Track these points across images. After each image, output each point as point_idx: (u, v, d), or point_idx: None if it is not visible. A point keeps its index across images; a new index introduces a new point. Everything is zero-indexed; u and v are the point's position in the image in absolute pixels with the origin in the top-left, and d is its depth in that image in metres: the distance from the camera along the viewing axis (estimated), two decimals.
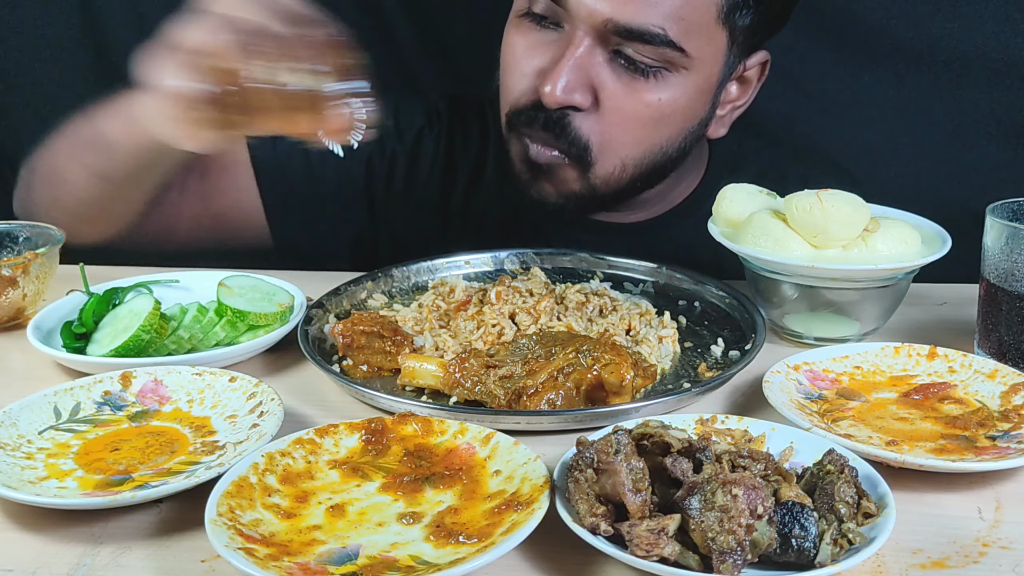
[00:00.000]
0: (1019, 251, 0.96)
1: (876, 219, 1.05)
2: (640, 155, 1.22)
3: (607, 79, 1.16)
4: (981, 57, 1.52)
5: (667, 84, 1.17)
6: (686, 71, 1.17)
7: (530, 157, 1.21)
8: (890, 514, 0.71)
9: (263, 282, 1.12)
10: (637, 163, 1.23)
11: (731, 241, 1.07)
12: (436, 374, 0.95)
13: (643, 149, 1.22)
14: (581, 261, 1.29)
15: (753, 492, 0.66)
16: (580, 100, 1.16)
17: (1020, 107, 1.53)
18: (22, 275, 1.11)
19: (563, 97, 1.15)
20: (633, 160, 1.22)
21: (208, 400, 0.92)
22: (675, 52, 1.14)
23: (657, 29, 1.12)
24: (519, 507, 0.73)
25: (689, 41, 1.14)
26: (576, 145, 1.19)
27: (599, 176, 1.22)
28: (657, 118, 1.19)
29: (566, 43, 1.15)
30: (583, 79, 1.15)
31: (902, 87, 1.56)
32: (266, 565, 0.67)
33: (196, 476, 0.78)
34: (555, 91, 1.14)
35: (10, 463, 0.81)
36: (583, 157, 1.20)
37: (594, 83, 1.16)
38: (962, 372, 0.97)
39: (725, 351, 1.06)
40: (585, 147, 1.19)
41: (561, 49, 1.16)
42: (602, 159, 1.21)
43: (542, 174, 1.23)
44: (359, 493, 0.78)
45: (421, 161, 1.41)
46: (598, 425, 0.87)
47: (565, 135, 1.18)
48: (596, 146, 1.19)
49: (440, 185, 1.41)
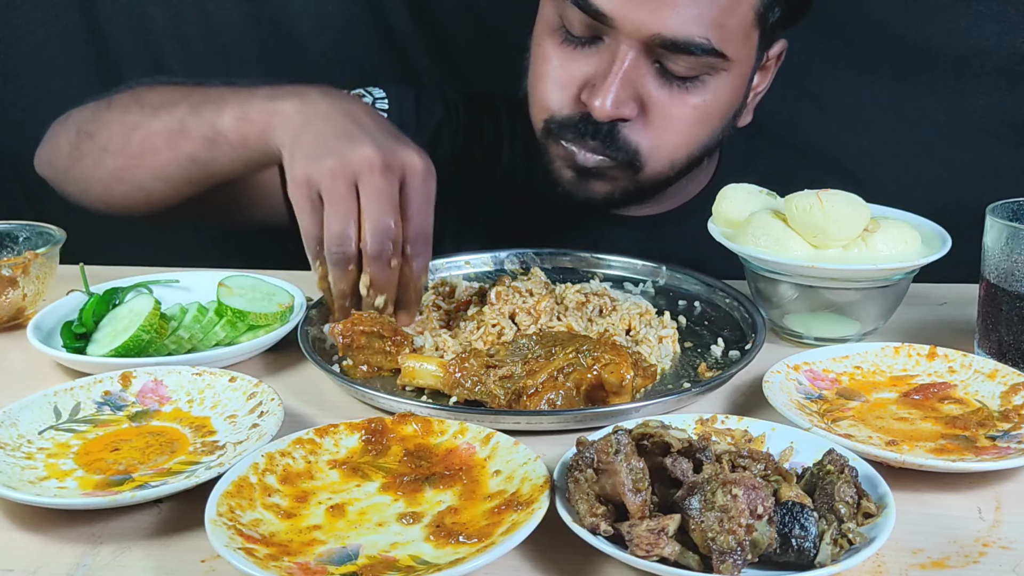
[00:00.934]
0: (1019, 251, 0.96)
1: (876, 219, 1.05)
2: (687, 154, 1.26)
3: (652, 89, 1.19)
4: (981, 57, 1.52)
5: (707, 87, 1.21)
6: (725, 72, 1.20)
7: (577, 162, 1.24)
8: (890, 514, 0.71)
9: (263, 282, 1.12)
10: (683, 161, 1.27)
11: (731, 241, 1.07)
12: (436, 374, 0.95)
13: (689, 149, 1.26)
14: (581, 261, 1.29)
15: (753, 492, 0.66)
16: (629, 112, 1.19)
17: (1020, 107, 1.53)
18: (22, 275, 1.11)
19: (613, 111, 1.17)
20: (680, 159, 1.26)
21: (208, 400, 0.92)
22: (716, 59, 1.17)
23: (702, 40, 1.15)
24: (519, 507, 0.73)
25: (729, 46, 1.17)
26: (626, 152, 1.22)
27: (647, 176, 1.26)
28: (700, 119, 1.23)
29: (610, 57, 1.17)
30: (630, 92, 1.18)
31: (902, 87, 1.56)
32: (266, 565, 0.67)
33: (196, 476, 0.78)
34: (606, 105, 1.17)
35: (10, 463, 0.81)
36: (633, 162, 1.23)
37: (640, 94, 1.19)
38: (962, 372, 0.97)
39: (725, 351, 1.06)
40: (635, 153, 1.22)
41: (605, 63, 1.18)
42: (651, 163, 1.24)
43: (591, 176, 1.25)
44: (359, 493, 0.78)
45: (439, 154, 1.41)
46: (598, 425, 0.87)
47: (615, 144, 1.21)
48: (645, 151, 1.23)
49: (457, 180, 1.42)
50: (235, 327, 1.05)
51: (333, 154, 0.99)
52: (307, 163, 1.00)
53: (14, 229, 1.21)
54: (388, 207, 0.98)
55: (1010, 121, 1.54)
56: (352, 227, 0.98)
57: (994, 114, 1.54)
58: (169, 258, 1.30)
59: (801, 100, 1.58)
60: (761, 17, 1.20)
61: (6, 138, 1.77)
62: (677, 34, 1.14)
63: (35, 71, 1.72)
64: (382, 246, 0.98)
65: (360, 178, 0.98)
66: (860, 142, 1.61)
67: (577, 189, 1.27)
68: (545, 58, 1.24)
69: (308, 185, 1.00)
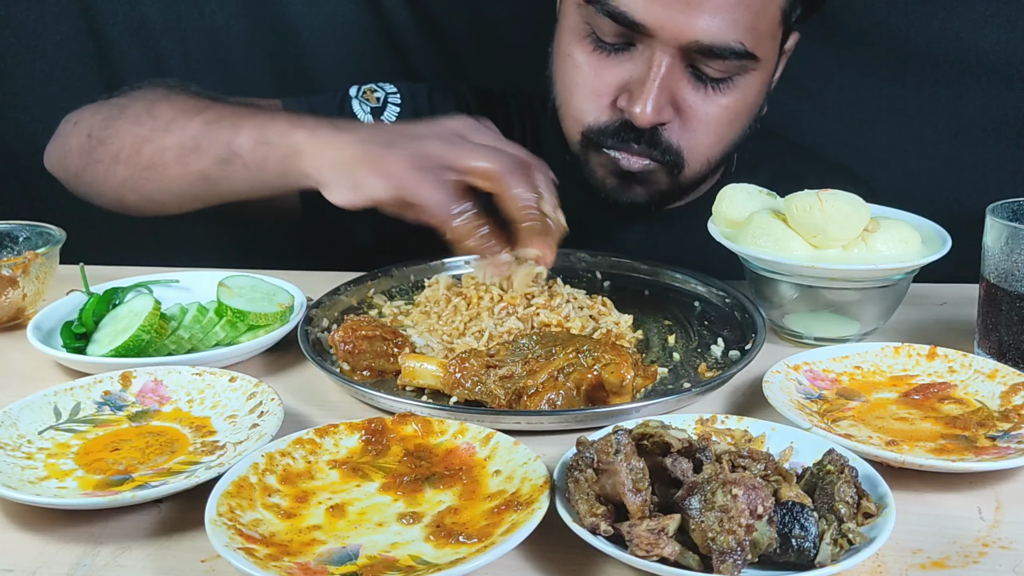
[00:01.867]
0: (1019, 251, 0.96)
1: (876, 219, 1.05)
2: (721, 151, 1.29)
3: (687, 93, 1.21)
4: (981, 57, 1.52)
5: (737, 87, 1.22)
6: (754, 72, 1.22)
7: (621, 167, 1.25)
8: (890, 514, 0.71)
9: (263, 282, 1.12)
10: (719, 158, 1.30)
11: (731, 241, 1.07)
12: (436, 374, 0.95)
13: (724, 146, 1.28)
14: (581, 261, 1.29)
15: (753, 492, 0.66)
16: (667, 116, 1.20)
17: (1020, 107, 1.53)
18: (22, 275, 1.11)
19: (654, 117, 1.18)
20: (716, 157, 1.29)
21: (208, 400, 0.92)
22: (749, 60, 1.19)
23: (737, 44, 1.16)
24: (519, 507, 0.73)
25: (759, 48, 1.19)
26: (670, 153, 1.24)
27: (687, 176, 1.28)
28: (733, 118, 1.25)
29: (646, 64, 1.18)
30: (668, 97, 1.19)
31: (902, 87, 1.56)
32: (266, 565, 0.67)
33: (196, 476, 0.78)
34: (647, 112, 1.18)
35: (10, 463, 0.81)
36: (677, 163, 1.25)
37: (676, 98, 1.21)
38: (962, 372, 0.97)
39: (725, 351, 1.06)
40: (678, 154, 1.24)
41: (641, 69, 1.19)
42: (691, 162, 1.26)
43: (632, 180, 1.27)
44: (359, 493, 0.78)
45: None
46: (598, 425, 0.87)
47: (658, 147, 1.23)
48: (687, 151, 1.24)
49: None
50: (235, 327, 1.05)
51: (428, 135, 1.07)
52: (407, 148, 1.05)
53: (14, 229, 1.21)
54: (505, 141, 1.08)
55: (1010, 121, 1.54)
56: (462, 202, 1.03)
57: (994, 114, 1.54)
58: (169, 258, 1.30)
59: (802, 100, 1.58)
60: (786, 16, 1.22)
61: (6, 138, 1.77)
62: (714, 40, 1.15)
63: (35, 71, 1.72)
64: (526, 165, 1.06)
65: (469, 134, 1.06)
66: (860, 142, 1.61)
67: (621, 194, 1.29)
68: (576, 67, 1.25)
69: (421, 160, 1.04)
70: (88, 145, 1.29)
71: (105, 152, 1.27)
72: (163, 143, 1.21)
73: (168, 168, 1.21)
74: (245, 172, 1.15)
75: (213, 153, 1.17)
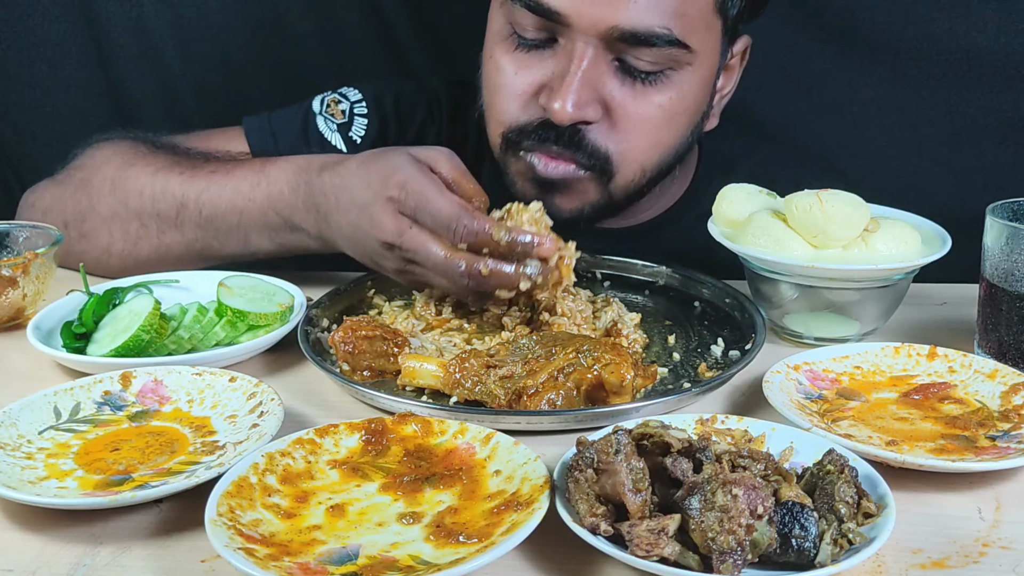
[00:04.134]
0: (1019, 251, 0.96)
1: (876, 219, 1.05)
2: (658, 158, 1.21)
3: (614, 89, 1.14)
4: (981, 57, 1.52)
5: (673, 83, 1.16)
6: (689, 67, 1.16)
7: (539, 174, 1.18)
8: (890, 514, 0.71)
9: (263, 282, 1.12)
10: (654, 166, 1.22)
11: (731, 241, 1.07)
12: (436, 374, 0.95)
13: (660, 152, 1.21)
14: (581, 261, 1.29)
15: (753, 492, 0.66)
16: (592, 114, 1.14)
17: (1020, 107, 1.53)
18: (22, 275, 1.11)
19: (575, 113, 1.12)
20: (651, 164, 1.21)
21: (208, 400, 0.92)
22: (680, 50, 1.13)
23: (662, 30, 1.10)
24: (519, 507, 0.73)
25: (692, 37, 1.13)
26: (596, 158, 1.17)
27: (619, 185, 1.20)
28: (668, 119, 1.18)
29: (567, 57, 1.13)
30: (592, 93, 1.13)
31: (902, 87, 1.56)
32: (266, 565, 0.67)
33: (196, 476, 0.78)
34: (566, 107, 1.11)
35: (10, 463, 0.81)
36: (605, 169, 1.18)
37: (602, 94, 1.14)
38: (962, 372, 0.97)
39: (725, 351, 1.06)
40: (606, 159, 1.17)
41: (562, 63, 1.13)
42: (623, 168, 1.19)
43: (554, 189, 1.19)
44: (359, 493, 0.78)
45: None
46: (598, 425, 0.87)
47: (582, 150, 1.16)
48: (616, 157, 1.17)
49: None
50: (235, 327, 1.05)
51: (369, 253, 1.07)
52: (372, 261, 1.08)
53: (14, 229, 1.20)
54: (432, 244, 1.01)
55: (1010, 121, 1.54)
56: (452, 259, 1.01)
57: (994, 114, 1.54)
58: None
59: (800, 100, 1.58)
60: (721, 6, 1.16)
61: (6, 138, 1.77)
62: (636, 25, 1.09)
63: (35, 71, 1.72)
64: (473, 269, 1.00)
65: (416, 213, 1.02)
66: (859, 142, 1.61)
67: None
68: (498, 68, 1.19)
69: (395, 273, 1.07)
70: (67, 235, 1.25)
71: (91, 246, 1.26)
72: (163, 242, 1.23)
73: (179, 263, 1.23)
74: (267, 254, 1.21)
75: (229, 252, 1.22)
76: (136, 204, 1.23)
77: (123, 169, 1.25)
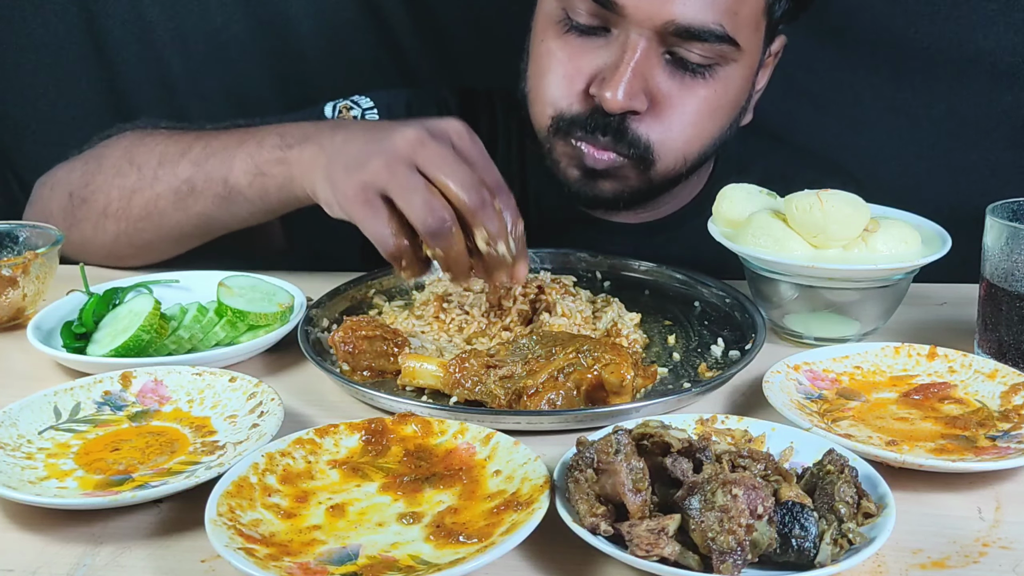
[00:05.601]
0: (1019, 251, 0.96)
1: (876, 219, 1.05)
2: (700, 148, 1.24)
3: (662, 81, 1.17)
4: (981, 57, 1.52)
5: (718, 77, 1.19)
6: (735, 63, 1.19)
7: (587, 163, 1.21)
8: (890, 514, 0.71)
9: (263, 282, 1.12)
10: (696, 155, 1.25)
11: (731, 241, 1.07)
12: (436, 374, 0.95)
13: (702, 142, 1.24)
14: (581, 261, 1.29)
15: (753, 492, 0.66)
16: (639, 104, 1.16)
17: (1020, 107, 1.53)
18: (22, 275, 1.11)
19: (626, 102, 1.15)
20: (693, 153, 1.24)
21: (208, 400, 0.92)
22: (730, 47, 1.16)
23: (716, 26, 1.13)
24: (519, 507, 0.73)
25: (740, 34, 1.16)
26: (636, 147, 1.19)
27: (660, 172, 1.23)
28: (712, 112, 1.21)
29: (621, 48, 1.15)
30: (641, 83, 1.16)
31: (902, 87, 1.56)
32: (266, 565, 0.67)
33: (196, 476, 0.78)
34: (617, 96, 1.14)
35: (10, 463, 0.81)
36: (645, 158, 1.20)
37: (650, 86, 1.17)
38: (962, 372, 0.97)
39: (725, 351, 1.06)
40: (646, 148, 1.20)
41: (616, 53, 1.16)
42: (663, 158, 1.21)
43: (599, 176, 1.23)
44: (359, 493, 0.78)
45: None
46: (598, 425, 0.87)
47: (624, 139, 1.19)
48: (657, 146, 1.20)
49: None
50: (235, 327, 1.05)
51: (376, 154, 0.97)
52: (353, 175, 0.98)
53: (14, 229, 1.20)
54: (458, 162, 0.95)
55: (1010, 121, 1.54)
56: (434, 194, 0.94)
57: (994, 114, 1.54)
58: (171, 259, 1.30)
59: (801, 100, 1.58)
60: (769, 7, 1.19)
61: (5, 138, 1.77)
62: (692, 21, 1.12)
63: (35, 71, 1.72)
64: (478, 194, 0.94)
65: (416, 157, 0.95)
66: (860, 142, 1.61)
67: (585, 189, 1.25)
68: (549, 52, 1.21)
69: (364, 190, 0.96)
70: (70, 205, 1.26)
71: (90, 210, 1.25)
72: (154, 191, 1.20)
73: (165, 215, 1.20)
74: (248, 204, 1.15)
75: (211, 193, 1.16)
76: (142, 157, 1.22)
77: (141, 138, 1.25)
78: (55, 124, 1.74)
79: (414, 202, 0.94)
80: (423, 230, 0.94)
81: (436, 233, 0.94)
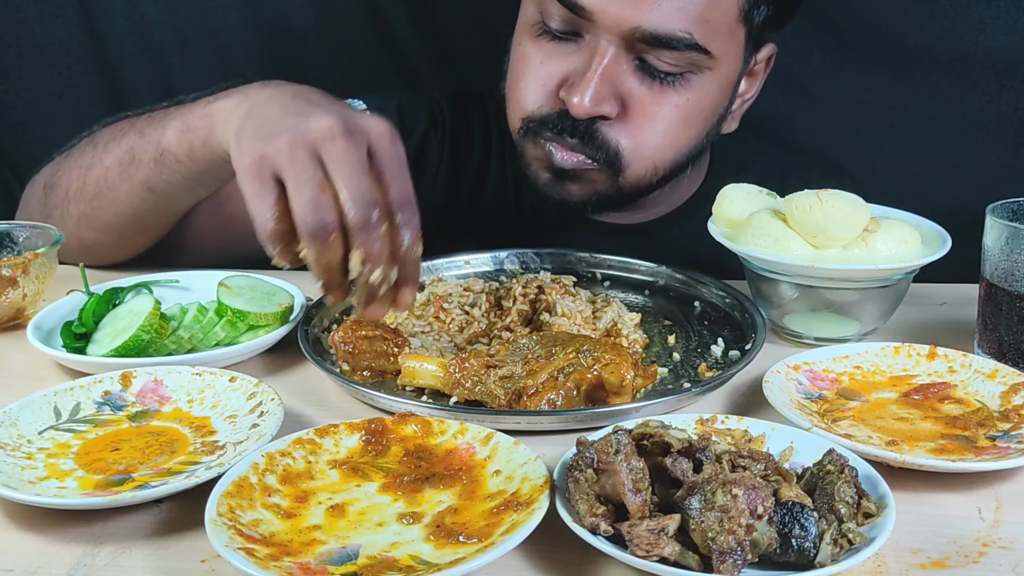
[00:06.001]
0: (1019, 251, 0.96)
1: (876, 219, 1.05)
2: (671, 156, 1.23)
3: (633, 87, 1.17)
4: (981, 57, 1.52)
5: (691, 85, 1.18)
6: (709, 71, 1.18)
7: (555, 164, 1.21)
8: (890, 514, 0.71)
9: (263, 282, 1.12)
10: (667, 164, 1.24)
11: (731, 241, 1.07)
12: (436, 374, 0.95)
13: (674, 151, 1.23)
14: (581, 261, 1.29)
15: (753, 492, 0.66)
16: (608, 110, 1.16)
17: (1020, 107, 1.53)
18: (22, 275, 1.11)
19: (592, 107, 1.15)
20: (664, 162, 1.23)
21: (208, 400, 0.92)
22: (700, 55, 1.15)
23: (683, 34, 1.12)
24: (519, 507, 0.73)
25: (713, 43, 1.15)
26: (606, 152, 1.19)
27: (630, 179, 1.23)
28: (684, 120, 1.20)
29: (590, 53, 1.15)
30: (610, 89, 1.16)
31: (902, 87, 1.56)
32: (266, 565, 0.67)
33: (196, 476, 0.78)
34: (583, 101, 1.14)
35: (10, 463, 0.81)
36: (613, 163, 1.20)
37: (621, 91, 1.17)
38: (962, 372, 0.97)
39: (725, 351, 1.06)
40: (615, 154, 1.20)
41: (585, 59, 1.16)
42: (634, 165, 1.21)
43: (566, 177, 1.23)
44: (359, 493, 0.78)
45: (426, 163, 1.40)
46: (598, 425, 0.87)
47: (593, 143, 1.19)
48: (627, 152, 1.20)
49: (446, 187, 1.41)
50: (235, 327, 1.05)
51: (286, 129, 0.89)
52: (256, 143, 0.90)
53: (14, 229, 1.20)
54: (361, 171, 0.87)
55: (1010, 121, 1.54)
56: (325, 194, 0.86)
57: (994, 114, 1.54)
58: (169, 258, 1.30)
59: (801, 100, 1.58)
60: (746, 14, 1.18)
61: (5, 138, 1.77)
62: (658, 28, 1.12)
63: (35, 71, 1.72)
64: (366, 212, 0.86)
65: (322, 148, 0.87)
66: (859, 142, 1.61)
67: (553, 191, 1.24)
68: (524, 56, 1.22)
69: (260, 164, 0.88)
70: (43, 196, 1.26)
71: (57, 195, 1.25)
72: (104, 165, 1.19)
73: (114, 189, 1.18)
74: (178, 166, 1.12)
75: (148, 158, 1.13)
76: (100, 137, 1.22)
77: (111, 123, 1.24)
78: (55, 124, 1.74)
79: (302, 195, 0.87)
80: (301, 227, 0.87)
81: (313, 234, 0.86)
